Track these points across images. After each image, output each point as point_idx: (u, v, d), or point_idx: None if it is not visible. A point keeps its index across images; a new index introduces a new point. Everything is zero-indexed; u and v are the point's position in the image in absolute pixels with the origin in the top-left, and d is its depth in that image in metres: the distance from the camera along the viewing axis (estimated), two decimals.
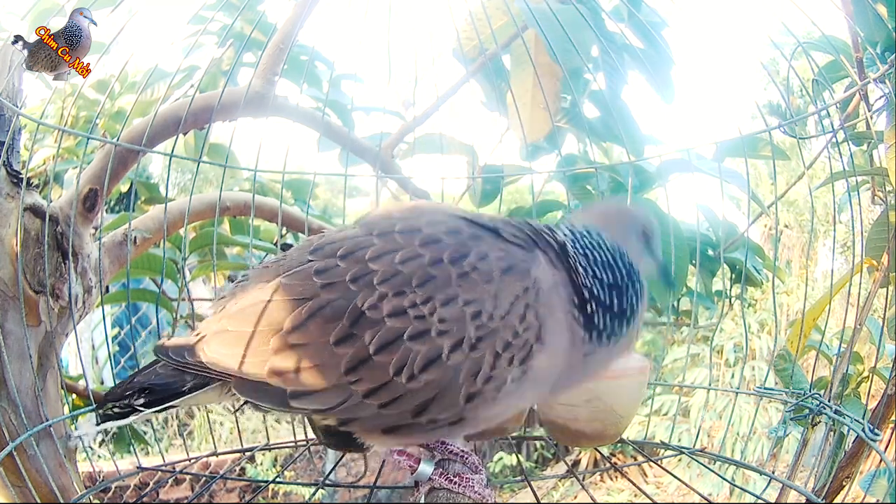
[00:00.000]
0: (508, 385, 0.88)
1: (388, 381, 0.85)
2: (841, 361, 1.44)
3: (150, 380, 0.92)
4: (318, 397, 0.86)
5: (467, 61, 1.92)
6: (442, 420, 0.88)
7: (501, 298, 0.87)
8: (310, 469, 4.01)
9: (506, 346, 0.86)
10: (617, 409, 1.25)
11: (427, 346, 0.85)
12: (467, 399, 0.86)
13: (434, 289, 0.86)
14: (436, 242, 0.90)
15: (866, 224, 1.44)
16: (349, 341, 0.85)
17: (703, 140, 1.52)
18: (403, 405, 0.86)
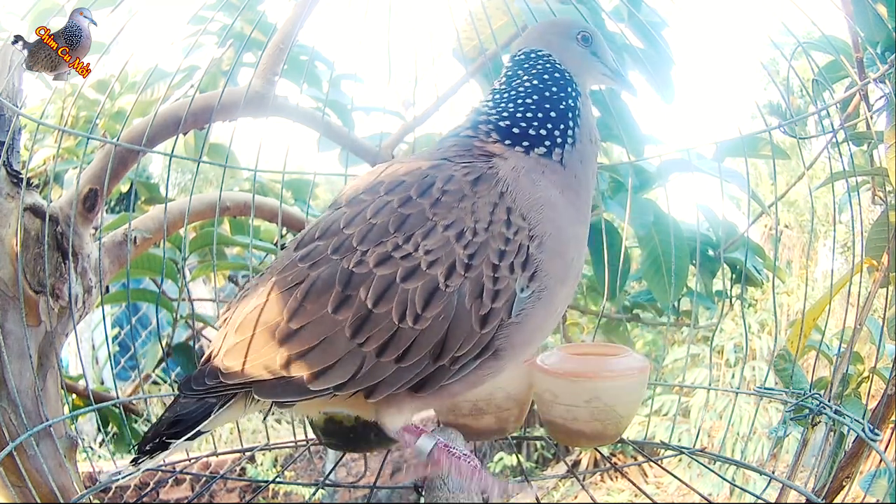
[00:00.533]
0: (520, 296, 0.87)
1: (395, 330, 0.84)
2: (841, 361, 1.44)
3: (177, 412, 0.91)
4: (334, 371, 0.85)
5: (467, 61, 1.92)
6: (466, 356, 0.86)
7: (480, 210, 0.87)
8: (310, 469, 4.01)
9: (500, 254, 0.85)
10: (617, 409, 1.25)
11: (421, 281, 0.84)
12: (482, 323, 0.85)
13: (412, 226, 0.86)
14: (399, 184, 0.91)
15: (866, 224, 1.44)
16: (346, 304, 0.84)
17: (703, 140, 1.52)
18: (420, 351, 0.84)
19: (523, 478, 1.47)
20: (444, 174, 0.90)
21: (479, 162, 0.93)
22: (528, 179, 0.92)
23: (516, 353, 0.92)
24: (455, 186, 0.88)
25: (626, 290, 2.29)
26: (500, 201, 0.88)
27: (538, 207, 0.90)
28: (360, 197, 0.92)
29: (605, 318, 2.29)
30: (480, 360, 0.88)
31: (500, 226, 0.86)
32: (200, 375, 0.89)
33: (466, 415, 1.28)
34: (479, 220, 0.86)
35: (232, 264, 2.49)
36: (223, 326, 0.95)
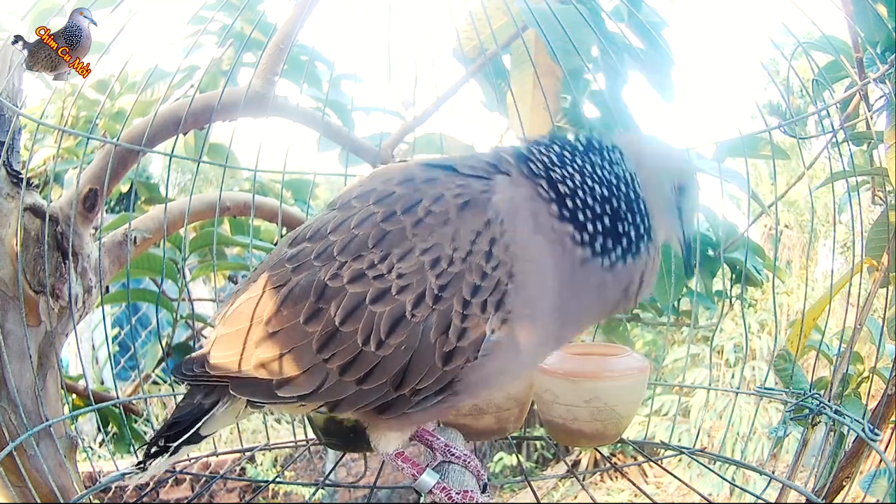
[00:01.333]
0: (489, 337, 0.80)
1: (358, 352, 0.81)
2: (841, 361, 1.44)
3: (175, 416, 0.92)
4: (299, 383, 0.84)
5: (467, 61, 1.92)
6: (427, 390, 0.82)
7: (460, 238, 0.80)
8: (310, 469, 4.01)
9: (473, 290, 0.79)
10: (617, 409, 1.25)
11: (389, 306, 0.80)
12: (445, 360, 0.80)
13: (390, 244, 0.82)
14: (388, 196, 0.85)
15: (866, 224, 1.43)
16: (317, 317, 0.82)
17: (703, 140, 1.52)
18: (380, 377, 0.81)
19: (523, 478, 1.47)
20: (434, 192, 0.84)
21: (478, 179, 0.86)
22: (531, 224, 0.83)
23: (476, 394, 0.87)
24: (441, 208, 0.82)
25: None
26: (485, 230, 0.80)
27: (527, 248, 0.81)
28: (352, 202, 0.89)
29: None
30: (442, 395, 0.84)
31: (478, 257, 0.79)
32: (190, 362, 0.90)
33: (466, 415, 1.28)
34: (458, 248, 0.80)
35: (232, 264, 2.49)
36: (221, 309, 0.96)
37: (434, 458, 1.04)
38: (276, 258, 0.92)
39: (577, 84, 1.96)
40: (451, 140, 2.08)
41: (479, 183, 0.85)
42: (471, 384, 0.84)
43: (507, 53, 1.93)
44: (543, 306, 0.83)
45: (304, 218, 1.93)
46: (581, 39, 1.62)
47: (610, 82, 1.86)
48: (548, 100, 1.81)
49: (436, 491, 0.91)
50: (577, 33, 1.60)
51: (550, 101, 1.84)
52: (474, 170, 0.87)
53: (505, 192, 0.84)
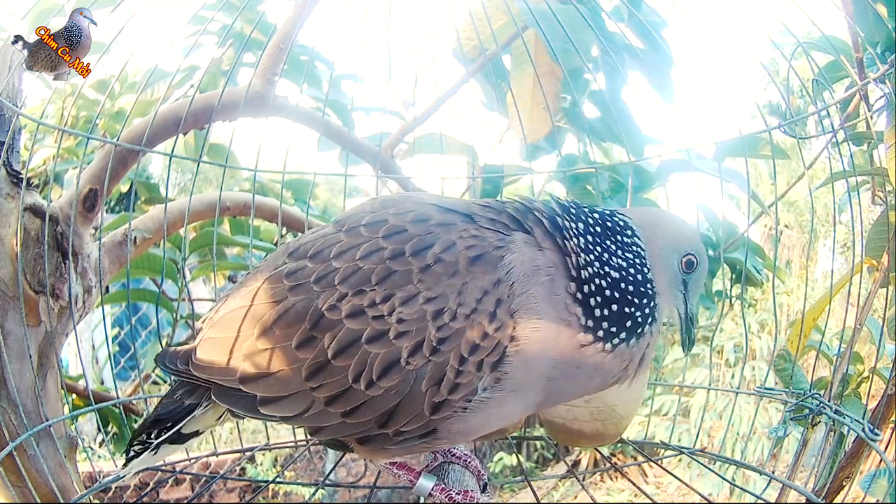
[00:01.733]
0: (480, 395, 0.80)
1: (347, 387, 0.80)
2: (841, 361, 1.44)
3: (158, 412, 0.91)
4: (284, 404, 0.83)
5: (467, 61, 1.92)
6: (410, 432, 0.82)
7: (467, 294, 0.79)
8: (310, 469, 4.01)
9: (472, 349, 0.78)
10: (617, 409, 1.25)
11: (385, 349, 0.79)
12: (433, 409, 0.80)
13: (394, 285, 0.80)
14: (399, 233, 0.83)
15: (866, 224, 1.43)
16: (310, 345, 0.81)
17: (703, 140, 1.51)
18: (366, 414, 0.81)
19: (523, 478, 1.47)
20: (447, 238, 0.82)
21: (493, 234, 0.84)
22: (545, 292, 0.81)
23: (456, 441, 0.88)
24: (451, 258, 0.80)
25: None
26: (493, 290, 0.79)
27: (533, 313, 0.80)
28: (360, 229, 0.86)
29: None
30: (424, 440, 0.84)
31: (482, 316, 0.78)
32: (175, 355, 0.89)
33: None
34: (463, 303, 0.78)
35: (232, 264, 2.49)
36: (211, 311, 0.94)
37: (434, 459, 1.04)
38: (273, 267, 0.90)
39: (577, 84, 1.97)
40: (451, 140, 2.09)
41: (494, 237, 0.83)
42: (453, 432, 0.84)
43: (507, 53, 1.93)
44: (538, 375, 0.82)
45: (304, 218, 1.93)
46: (581, 39, 1.63)
47: (610, 82, 1.86)
48: (548, 100, 1.81)
49: (435, 493, 0.91)
50: (577, 33, 1.60)
51: (550, 101, 1.84)
52: (493, 223, 0.86)
53: (523, 252, 0.82)
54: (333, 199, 4.76)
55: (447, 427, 0.83)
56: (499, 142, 2.19)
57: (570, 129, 2.09)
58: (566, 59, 1.64)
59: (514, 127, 1.92)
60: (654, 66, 1.75)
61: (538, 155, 2.06)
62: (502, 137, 2.17)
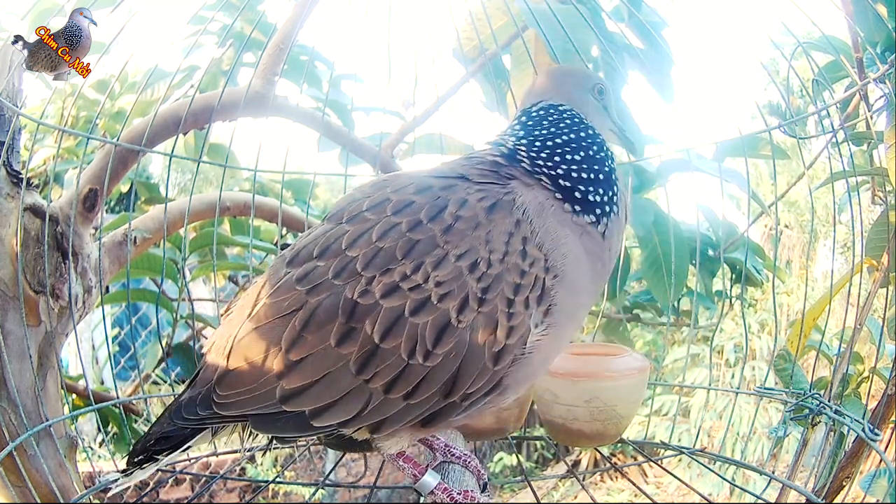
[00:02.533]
0: (533, 332, 0.82)
1: (404, 366, 0.79)
2: (841, 361, 1.44)
3: (164, 429, 0.87)
4: (339, 408, 0.80)
5: (467, 61, 1.92)
6: (477, 392, 0.82)
7: (495, 240, 0.81)
8: (310, 469, 4.01)
9: (516, 288, 0.80)
10: (617, 409, 1.25)
11: (432, 315, 0.78)
12: (495, 360, 0.80)
13: (421, 253, 0.80)
14: (408, 206, 0.84)
15: (866, 224, 1.43)
16: (351, 337, 0.79)
17: (703, 140, 1.52)
18: (430, 388, 0.80)
19: (523, 478, 1.47)
20: (457, 197, 0.84)
21: (496, 185, 0.87)
22: (555, 220, 0.86)
23: (520, 389, 0.88)
24: (469, 212, 0.82)
25: (626, 290, 2.29)
26: (517, 230, 0.82)
27: (559, 242, 0.84)
28: (365, 214, 0.85)
29: (605, 318, 2.29)
30: (490, 395, 0.84)
31: (515, 256, 0.81)
32: (192, 403, 0.84)
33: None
34: (494, 250, 0.80)
35: (232, 264, 2.49)
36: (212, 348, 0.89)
37: (434, 459, 1.04)
38: (275, 279, 0.87)
39: None
40: (451, 140, 2.09)
41: (496, 187, 0.87)
42: (518, 379, 0.85)
43: (507, 53, 1.93)
44: (580, 294, 0.88)
45: (304, 218, 1.93)
46: (581, 39, 1.63)
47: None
48: None
49: (437, 491, 0.91)
50: (577, 33, 1.60)
51: None
52: (484, 176, 0.89)
53: (526, 194, 0.87)
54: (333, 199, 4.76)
55: (512, 376, 0.83)
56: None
57: None
58: (566, 59, 1.64)
59: None
60: (654, 66, 1.75)
61: None
62: None
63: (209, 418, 0.84)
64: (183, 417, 0.85)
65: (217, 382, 0.84)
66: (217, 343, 0.88)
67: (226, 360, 0.85)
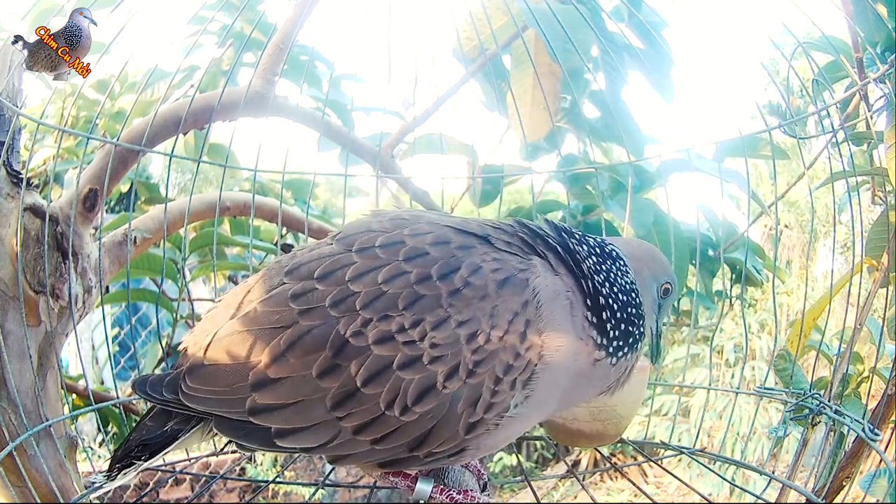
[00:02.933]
0: (511, 410, 0.82)
1: (379, 414, 0.78)
2: (841, 361, 1.44)
3: (143, 436, 0.86)
4: (305, 435, 0.80)
5: (467, 61, 1.92)
6: (442, 453, 0.82)
7: (499, 316, 0.80)
8: (310, 469, 4.01)
9: (507, 369, 0.80)
10: (617, 409, 1.25)
11: (419, 374, 0.78)
12: (468, 430, 0.81)
13: (423, 310, 0.79)
14: (421, 256, 0.83)
15: (866, 224, 1.43)
16: (334, 373, 0.78)
17: (703, 140, 1.51)
18: (398, 439, 0.80)
19: (523, 478, 1.47)
20: (471, 261, 0.83)
21: (514, 257, 0.86)
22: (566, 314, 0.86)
23: (479, 455, 0.88)
24: (479, 281, 0.81)
25: None
26: (522, 311, 0.81)
27: (558, 331, 0.84)
28: (376, 251, 0.84)
29: None
30: (451, 458, 0.84)
31: (514, 337, 0.80)
32: (158, 382, 0.84)
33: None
34: (496, 326, 0.80)
35: (232, 264, 2.49)
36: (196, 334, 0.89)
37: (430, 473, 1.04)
38: (268, 286, 0.86)
39: (577, 84, 1.97)
40: (451, 140, 2.09)
41: (516, 261, 0.86)
42: (482, 448, 0.85)
43: (507, 53, 1.93)
44: (559, 389, 0.87)
45: (303, 218, 1.93)
46: (581, 39, 1.63)
47: (610, 82, 1.86)
48: (548, 100, 1.81)
49: (435, 494, 0.91)
50: (577, 33, 1.60)
51: (550, 101, 1.84)
52: (510, 246, 0.88)
53: (545, 276, 0.85)
54: (333, 199, 4.77)
55: (476, 444, 0.84)
56: (499, 142, 2.19)
57: (570, 129, 2.09)
58: (566, 59, 1.64)
59: (514, 127, 1.92)
60: (654, 66, 1.75)
61: (538, 155, 2.06)
62: (502, 137, 2.17)
63: (171, 402, 0.84)
64: (146, 392, 0.84)
65: (188, 372, 0.83)
66: (198, 333, 0.88)
67: (203, 352, 0.84)
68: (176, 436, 0.86)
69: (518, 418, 0.84)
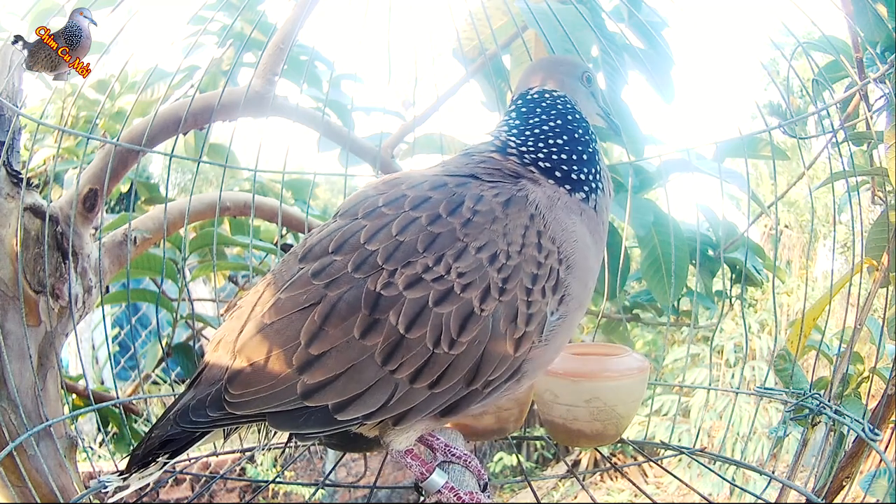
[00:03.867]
0: (550, 319, 0.86)
1: (429, 356, 0.80)
2: (841, 361, 1.44)
3: (167, 432, 0.85)
4: (364, 400, 0.80)
5: (467, 61, 1.92)
6: (499, 379, 0.85)
7: (512, 233, 0.85)
8: (310, 469, 4.01)
9: (533, 279, 0.84)
10: (617, 409, 1.25)
11: (456, 305, 0.81)
12: (516, 346, 0.84)
13: (442, 246, 0.83)
14: (426, 201, 0.87)
15: (866, 224, 1.43)
16: (376, 329, 0.80)
17: (703, 140, 1.52)
18: (454, 376, 0.82)
19: (523, 478, 1.47)
20: (473, 193, 0.87)
21: (507, 183, 0.91)
22: (564, 211, 0.92)
23: (537, 374, 0.91)
24: (486, 207, 0.86)
25: (626, 290, 2.29)
26: (531, 224, 0.87)
27: (568, 233, 0.89)
28: (382, 210, 0.87)
29: (605, 318, 2.29)
30: (510, 381, 0.86)
31: (531, 249, 0.85)
32: (200, 405, 0.83)
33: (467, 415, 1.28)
34: (512, 242, 0.85)
35: (232, 264, 2.49)
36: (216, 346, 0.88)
37: (435, 458, 1.04)
38: (286, 275, 0.86)
39: None
40: (451, 140, 2.09)
41: (508, 184, 0.91)
42: (536, 365, 0.88)
43: (507, 53, 1.93)
44: (588, 277, 0.93)
45: (304, 218, 1.93)
46: (581, 39, 1.63)
47: (610, 82, 1.86)
48: None
49: (444, 491, 0.91)
50: (577, 33, 1.60)
51: None
52: (492, 175, 0.93)
53: (535, 190, 0.91)
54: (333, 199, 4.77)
55: (530, 362, 0.87)
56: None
57: None
58: None
59: None
60: (654, 66, 1.75)
61: None
62: None
63: (221, 420, 0.83)
64: (191, 421, 0.83)
65: (228, 381, 0.82)
66: (223, 341, 0.87)
67: (234, 358, 0.84)
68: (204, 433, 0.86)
69: (562, 325, 0.88)
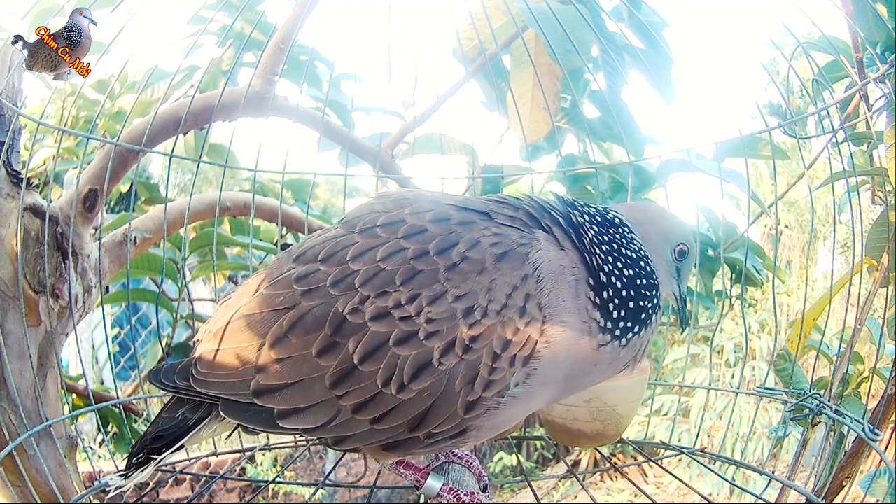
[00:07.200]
0: (512, 390, 0.80)
1: (376, 392, 0.78)
2: (841, 361, 1.44)
3: (158, 428, 0.87)
4: (306, 415, 0.80)
5: (467, 61, 1.92)
6: (442, 433, 0.81)
7: (496, 290, 0.78)
8: (310, 469, 4.01)
9: (504, 345, 0.78)
10: (617, 409, 1.25)
11: (415, 350, 0.77)
12: (466, 408, 0.79)
13: (420, 285, 0.78)
14: (420, 233, 0.82)
15: (866, 224, 1.43)
16: (332, 351, 0.78)
17: (703, 140, 1.51)
18: (396, 419, 0.79)
19: (523, 478, 1.47)
20: (470, 236, 0.81)
21: (515, 232, 0.84)
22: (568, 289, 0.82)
23: (483, 438, 0.86)
24: (477, 255, 0.80)
25: None
26: (522, 285, 0.79)
27: (561, 309, 0.81)
28: (377, 230, 0.84)
29: None
30: (454, 440, 0.83)
31: (513, 312, 0.78)
32: (171, 370, 0.85)
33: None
34: (493, 300, 0.78)
35: (232, 264, 2.49)
36: (206, 324, 0.91)
37: (436, 458, 1.04)
38: (278, 270, 0.87)
39: (577, 84, 1.97)
40: (451, 140, 2.09)
41: (517, 234, 0.84)
42: (484, 429, 0.83)
43: (507, 53, 1.93)
44: (563, 370, 0.84)
45: (303, 218, 1.93)
46: (581, 39, 1.62)
47: (610, 82, 1.86)
48: (548, 100, 1.81)
49: (443, 493, 0.90)
50: (577, 33, 1.60)
51: (550, 101, 1.84)
52: (512, 220, 0.86)
53: (548, 250, 0.83)
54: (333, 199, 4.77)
55: (478, 424, 0.82)
56: (499, 142, 2.19)
57: (570, 129, 2.09)
58: (566, 59, 1.64)
59: (514, 127, 1.92)
60: (654, 66, 1.75)
61: (538, 155, 2.06)
62: (502, 137, 2.17)
63: (184, 389, 0.85)
64: (160, 380, 0.85)
65: (199, 358, 0.85)
66: (213, 322, 0.89)
67: (213, 339, 0.85)
68: (188, 425, 0.87)
69: (520, 398, 0.81)
